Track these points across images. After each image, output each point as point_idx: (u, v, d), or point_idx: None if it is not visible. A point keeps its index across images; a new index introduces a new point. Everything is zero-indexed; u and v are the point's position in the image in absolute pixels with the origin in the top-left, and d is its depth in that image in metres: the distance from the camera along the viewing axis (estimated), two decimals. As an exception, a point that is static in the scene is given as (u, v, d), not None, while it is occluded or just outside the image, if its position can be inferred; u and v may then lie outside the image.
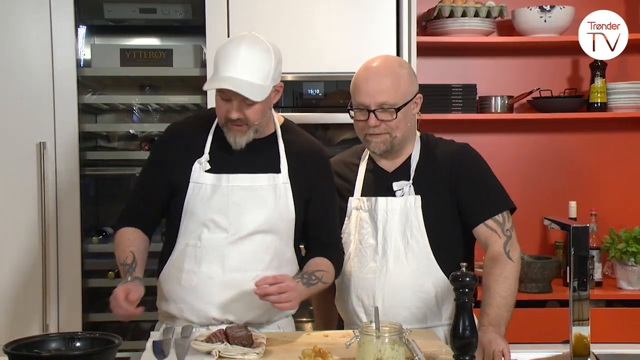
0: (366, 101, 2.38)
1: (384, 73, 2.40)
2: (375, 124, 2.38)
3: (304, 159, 2.46)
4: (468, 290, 1.88)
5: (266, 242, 2.39)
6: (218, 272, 2.35)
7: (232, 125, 2.33)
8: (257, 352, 2.03)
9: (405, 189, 2.44)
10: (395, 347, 1.84)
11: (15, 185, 3.39)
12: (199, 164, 2.39)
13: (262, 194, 2.39)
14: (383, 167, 2.51)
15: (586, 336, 1.90)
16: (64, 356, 2.04)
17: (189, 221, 2.39)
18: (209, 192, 2.37)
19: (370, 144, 2.44)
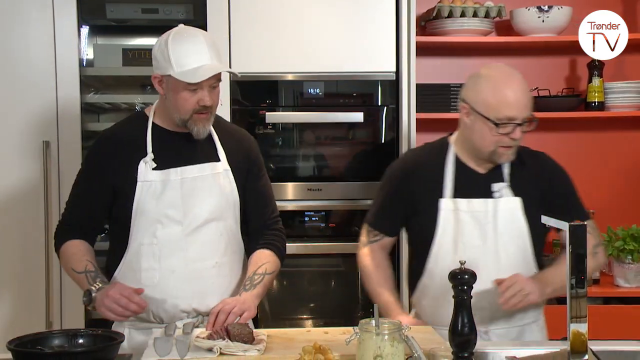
0: (516, 114, 2.38)
1: (524, 86, 2.43)
2: (520, 136, 2.40)
3: (236, 144, 2.53)
4: (467, 287, 1.88)
5: (219, 229, 2.44)
6: (179, 264, 2.38)
7: (198, 115, 2.36)
8: (258, 349, 2.03)
9: (504, 191, 2.46)
10: (394, 344, 1.84)
11: (20, 183, 3.40)
12: (144, 163, 2.39)
13: (208, 182, 2.43)
14: (475, 169, 2.50)
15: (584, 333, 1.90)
16: (67, 353, 2.04)
17: (140, 221, 2.39)
18: (160, 188, 2.39)
19: (503, 156, 2.43)
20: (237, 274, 2.51)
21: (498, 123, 2.37)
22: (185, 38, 2.34)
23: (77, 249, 2.44)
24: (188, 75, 2.29)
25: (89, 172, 2.48)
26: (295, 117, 3.54)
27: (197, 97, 2.33)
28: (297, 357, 1.87)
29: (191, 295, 2.39)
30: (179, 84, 2.32)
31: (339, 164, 3.63)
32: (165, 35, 2.37)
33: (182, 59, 2.30)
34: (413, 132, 3.51)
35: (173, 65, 2.31)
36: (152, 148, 2.41)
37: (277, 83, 3.52)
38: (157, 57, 2.37)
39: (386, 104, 3.56)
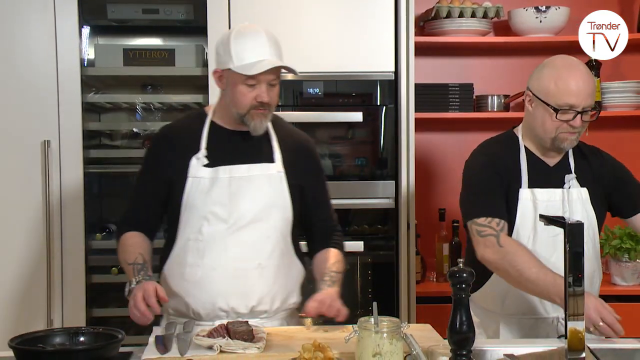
0: (576, 102, 2.42)
1: (588, 75, 2.46)
2: (580, 124, 2.44)
3: (295, 148, 2.52)
4: (465, 285, 1.87)
5: (265, 231, 2.42)
6: (221, 263, 2.38)
7: (255, 111, 2.37)
8: (258, 347, 2.02)
9: (573, 182, 2.53)
10: (393, 342, 1.84)
11: (21, 183, 3.39)
12: (196, 159, 2.41)
13: (258, 183, 2.42)
14: (545, 161, 2.56)
15: (581, 331, 1.90)
16: (68, 351, 2.04)
17: (188, 216, 2.40)
18: (208, 185, 2.39)
19: (565, 141, 2.48)
20: (283, 278, 2.46)
21: (558, 109, 2.43)
22: (248, 33, 2.35)
23: (133, 240, 2.44)
24: (246, 68, 2.31)
25: (147, 167, 2.52)
26: (295, 117, 3.53)
27: (255, 93, 2.34)
28: (296, 355, 1.87)
29: (231, 294, 2.37)
30: (237, 78, 2.34)
31: (338, 163, 3.63)
32: (230, 31, 2.40)
33: (242, 53, 2.32)
34: (412, 131, 3.51)
35: (233, 59, 2.33)
36: (206, 145, 2.42)
37: (277, 83, 3.51)
38: (219, 52, 2.39)
39: (385, 104, 3.56)
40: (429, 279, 3.93)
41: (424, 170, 4.05)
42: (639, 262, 3.70)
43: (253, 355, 2.00)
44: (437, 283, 3.88)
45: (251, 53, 2.32)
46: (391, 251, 3.53)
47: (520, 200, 2.50)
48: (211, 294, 2.37)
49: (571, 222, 1.91)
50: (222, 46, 2.37)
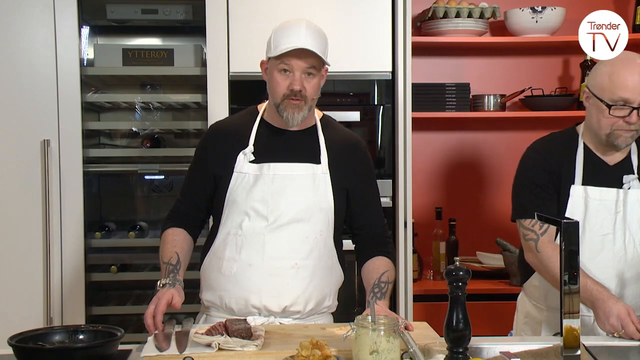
0: (632, 97, 2.37)
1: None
2: (636, 121, 2.39)
3: (344, 150, 2.49)
4: (461, 284, 1.87)
5: (305, 231, 2.40)
6: (257, 259, 2.37)
7: (290, 101, 2.36)
8: (256, 344, 2.02)
9: (633, 182, 2.48)
10: (390, 340, 1.84)
11: (20, 182, 3.39)
12: (243, 154, 2.42)
13: (301, 182, 2.41)
14: (604, 159, 2.51)
15: (576, 328, 1.90)
16: (67, 348, 2.04)
17: (231, 211, 2.41)
18: (252, 181, 2.40)
19: (619, 138, 2.43)
20: (319, 280, 2.43)
21: (611, 105, 2.39)
22: (290, 24, 2.38)
23: (173, 237, 2.44)
24: (277, 50, 2.32)
25: (197, 163, 2.52)
26: (293, 116, 3.53)
27: (288, 81, 2.34)
28: (294, 352, 1.87)
29: (265, 292, 2.35)
30: (274, 66, 2.35)
31: (335, 162, 3.62)
32: None
33: (279, 40, 2.34)
34: (409, 130, 3.51)
35: (272, 47, 2.36)
36: (254, 141, 2.43)
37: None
38: (267, 45, 2.41)
39: (382, 103, 3.56)
40: (426, 277, 3.93)
41: (421, 169, 4.05)
42: None
43: (251, 352, 1.99)
44: (434, 281, 3.88)
45: (287, 39, 2.33)
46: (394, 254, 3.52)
47: (571, 197, 2.48)
48: (245, 290, 2.36)
49: (566, 222, 1.90)
50: (269, 38, 2.40)
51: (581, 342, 1.92)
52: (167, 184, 3.95)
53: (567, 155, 2.52)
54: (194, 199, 2.50)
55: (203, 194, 2.49)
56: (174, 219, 2.51)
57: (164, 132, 3.85)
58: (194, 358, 1.94)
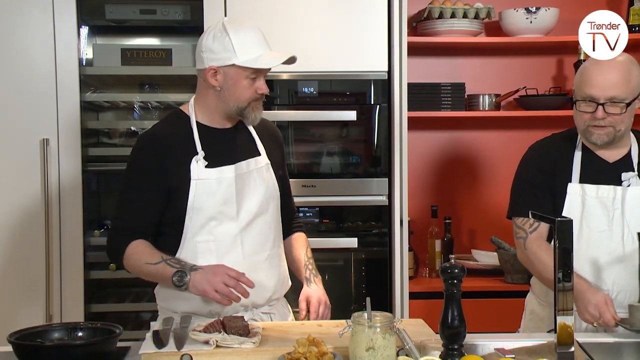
0: (596, 94, 2.38)
1: (615, 67, 2.41)
2: (603, 116, 2.38)
3: (269, 138, 2.55)
4: (457, 281, 1.87)
5: (267, 222, 2.45)
6: (238, 259, 2.36)
7: (255, 103, 2.38)
8: (254, 342, 2.02)
9: (633, 180, 2.46)
10: (386, 337, 1.84)
11: (20, 180, 3.38)
12: (196, 161, 2.36)
13: (255, 177, 2.44)
14: (603, 157, 2.50)
15: (570, 325, 1.90)
16: (66, 346, 2.03)
17: (195, 219, 2.35)
18: (215, 186, 2.36)
19: (593, 135, 2.43)
20: (283, 264, 2.53)
21: (579, 100, 2.42)
22: (244, 28, 2.34)
23: (144, 245, 2.35)
24: (257, 62, 2.31)
25: (141, 175, 2.38)
26: (290, 116, 3.53)
27: (255, 86, 2.35)
28: (291, 349, 1.87)
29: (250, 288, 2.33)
30: (240, 74, 2.32)
31: (332, 161, 3.62)
32: (218, 27, 2.35)
33: (245, 47, 2.31)
34: (405, 130, 3.50)
35: (237, 54, 2.31)
36: (201, 146, 2.38)
37: (273, 82, 3.50)
38: (213, 49, 2.33)
39: (378, 103, 3.55)
40: (422, 274, 3.93)
41: (416, 168, 4.05)
42: None
43: (249, 349, 1.99)
44: (430, 279, 3.88)
45: (254, 47, 2.32)
46: (384, 247, 3.53)
47: (568, 194, 2.48)
48: None
49: (560, 220, 1.90)
50: (218, 42, 2.32)
51: (575, 338, 1.93)
52: (166, 183, 3.93)
53: (565, 155, 2.52)
54: (142, 213, 2.36)
55: (154, 207, 2.37)
56: (123, 238, 2.36)
57: (163, 131, 3.84)
58: (192, 355, 1.94)
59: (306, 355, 1.81)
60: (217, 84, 2.37)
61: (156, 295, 2.50)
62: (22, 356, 1.97)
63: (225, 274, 2.22)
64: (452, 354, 1.86)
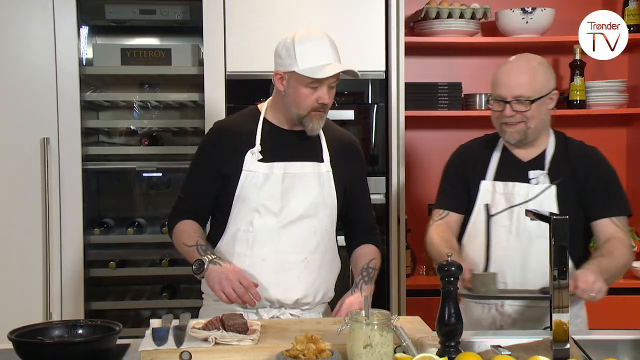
0: (503, 93, 2.46)
1: (522, 69, 2.49)
2: (510, 114, 2.45)
3: (342, 149, 2.55)
4: (453, 279, 1.88)
5: (313, 227, 2.46)
6: (270, 254, 2.41)
7: (315, 113, 2.40)
8: (252, 339, 2.02)
9: (541, 178, 2.51)
10: (383, 334, 1.84)
11: (20, 179, 3.38)
12: (251, 154, 2.43)
13: (308, 180, 2.46)
14: (518, 156, 2.56)
15: (565, 322, 1.90)
16: (66, 343, 2.03)
17: (240, 208, 2.43)
18: (262, 179, 2.42)
19: (505, 133, 2.50)
20: (325, 272, 2.51)
21: (491, 100, 2.51)
22: (311, 38, 2.38)
23: (189, 227, 2.48)
24: (314, 71, 2.33)
25: (201, 161, 2.53)
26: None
27: (316, 95, 2.37)
28: (289, 346, 1.87)
29: (277, 285, 2.40)
30: (301, 81, 2.35)
31: (330, 160, 3.62)
32: (291, 34, 2.40)
33: (307, 57, 2.34)
34: (402, 129, 3.51)
35: (298, 62, 2.34)
36: (260, 141, 2.45)
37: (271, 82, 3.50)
38: (281, 55, 2.40)
39: (376, 102, 3.55)
40: (419, 272, 3.93)
41: (413, 166, 4.05)
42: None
43: (247, 346, 1.99)
44: (427, 276, 3.88)
45: (316, 56, 2.35)
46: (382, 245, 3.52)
47: (480, 191, 2.56)
48: (258, 284, 2.37)
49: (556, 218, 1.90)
50: (285, 49, 2.38)
51: (570, 335, 1.93)
52: (165, 181, 3.94)
53: (485, 154, 2.61)
54: (199, 196, 2.52)
55: (209, 191, 2.50)
56: (179, 216, 2.53)
57: (162, 130, 3.84)
58: (191, 352, 1.94)
59: (304, 352, 1.81)
60: (282, 89, 2.43)
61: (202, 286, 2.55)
62: (22, 353, 1.96)
63: (237, 281, 2.30)
64: (449, 350, 1.86)
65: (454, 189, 2.65)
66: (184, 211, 2.52)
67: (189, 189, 2.54)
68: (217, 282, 2.30)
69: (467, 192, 2.60)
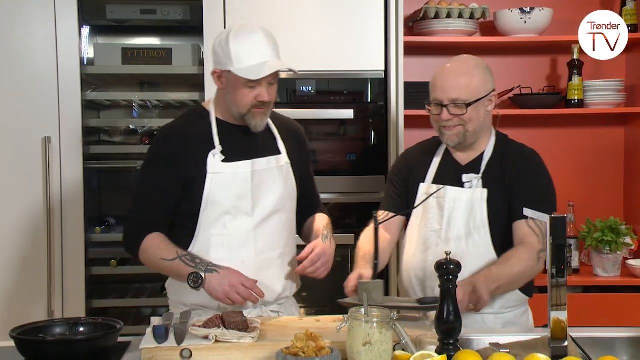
0: (440, 97, 2.42)
1: (458, 72, 2.44)
2: (447, 117, 2.41)
3: (292, 137, 2.53)
4: (452, 277, 1.88)
5: (282, 221, 2.45)
6: (249, 255, 2.37)
7: (256, 110, 2.35)
8: (252, 337, 2.02)
9: (474, 181, 2.46)
10: (383, 332, 1.84)
11: (22, 178, 3.38)
12: (213, 155, 2.36)
13: (274, 175, 2.43)
14: (457, 160, 2.53)
15: (564, 320, 1.90)
16: (68, 340, 2.03)
17: (210, 212, 2.36)
18: (230, 180, 2.36)
19: (444, 136, 2.46)
20: (295, 262, 2.49)
21: (427, 104, 2.48)
22: (246, 35, 2.30)
23: (159, 240, 2.34)
24: (249, 71, 2.27)
25: (159, 168, 2.39)
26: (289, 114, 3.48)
27: (255, 93, 2.31)
28: (289, 344, 1.87)
29: (259, 284, 2.32)
30: (238, 80, 2.30)
31: (330, 158, 3.62)
32: (226, 31, 2.33)
33: (242, 56, 2.28)
34: (401, 128, 3.50)
35: (233, 62, 2.29)
36: (219, 141, 2.38)
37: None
38: (217, 53, 2.34)
39: (375, 101, 3.55)
40: (418, 270, 3.92)
41: (412, 165, 4.05)
42: (619, 254, 3.71)
43: (247, 344, 1.99)
44: (426, 274, 3.87)
45: (251, 55, 2.28)
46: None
47: (418, 194, 2.53)
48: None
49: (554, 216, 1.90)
50: (220, 48, 2.32)
51: (568, 333, 1.93)
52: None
53: (426, 158, 2.58)
54: (159, 206, 2.37)
55: (170, 199, 2.37)
56: (140, 231, 2.36)
57: (163, 130, 3.84)
58: (192, 350, 1.94)
59: (304, 349, 1.81)
60: (222, 87, 2.38)
61: (167, 289, 2.50)
62: (24, 351, 1.97)
63: (240, 285, 2.25)
64: (448, 348, 1.86)
65: (396, 192, 2.61)
66: (146, 225, 2.36)
67: (146, 201, 2.39)
68: (221, 290, 2.24)
69: (408, 195, 2.57)
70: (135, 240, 2.36)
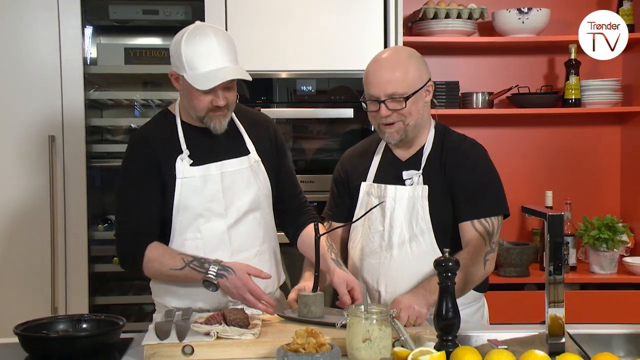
0: (376, 92, 2.29)
1: (391, 65, 2.30)
2: (386, 114, 2.28)
3: (261, 134, 2.46)
4: (451, 274, 1.87)
5: (257, 219, 2.40)
6: (225, 256, 2.31)
7: (213, 113, 2.28)
8: (253, 333, 2.02)
9: (415, 178, 2.36)
10: (382, 328, 1.84)
11: (26, 176, 3.38)
12: (181, 160, 2.31)
13: (245, 175, 2.38)
14: (397, 156, 2.42)
15: (561, 317, 1.90)
16: (71, 337, 2.03)
17: (182, 217, 2.32)
18: (200, 184, 2.32)
19: (385, 134, 2.34)
20: (274, 260, 2.48)
21: (366, 100, 2.35)
22: (198, 39, 2.22)
23: (161, 249, 2.29)
24: (200, 79, 2.20)
25: (137, 176, 2.32)
26: (289, 113, 3.53)
27: (210, 98, 2.25)
28: (290, 340, 1.87)
29: None
30: (192, 86, 2.23)
31: (330, 157, 3.61)
32: (180, 34, 2.27)
33: (193, 62, 2.20)
34: (400, 127, 3.49)
35: (185, 67, 2.22)
36: (185, 145, 2.33)
37: (272, 81, 3.50)
38: (173, 56, 2.28)
39: (375, 101, 3.54)
40: (417, 267, 3.92)
41: (412, 164, 4.04)
42: (616, 251, 3.71)
43: (249, 341, 1.99)
44: (425, 272, 3.87)
45: (202, 61, 2.20)
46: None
47: (360, 194, 2.44)
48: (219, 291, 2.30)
49: (551, 214, 1.90)
50: (175, 51, 2.27)
51: (566, 330, 1.92)
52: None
53: (365, 157, 2.47)
54: (149, 213, 2.31)
55: (156, 204, 2.31)
56: (139, 242, 2.29)
57: (165, 129, 3.83)
58: (193, 346, 1.94)
59: (304, 346, 1.80)
60: (180, 89, 2.34)
61: (151, 290, 2.48)
62: (27, 347, 1.96)
63: (247, 293, 2.22)
64: (447, 345, 1.86)
65: (338, 198, 2.52)
66: (142, 237, 2.29)
67: (132, 210, 2.31)
68: (235, 293, 2.24)
69: (352, 197, 2.47)
70: (136, 256, 2.30)
